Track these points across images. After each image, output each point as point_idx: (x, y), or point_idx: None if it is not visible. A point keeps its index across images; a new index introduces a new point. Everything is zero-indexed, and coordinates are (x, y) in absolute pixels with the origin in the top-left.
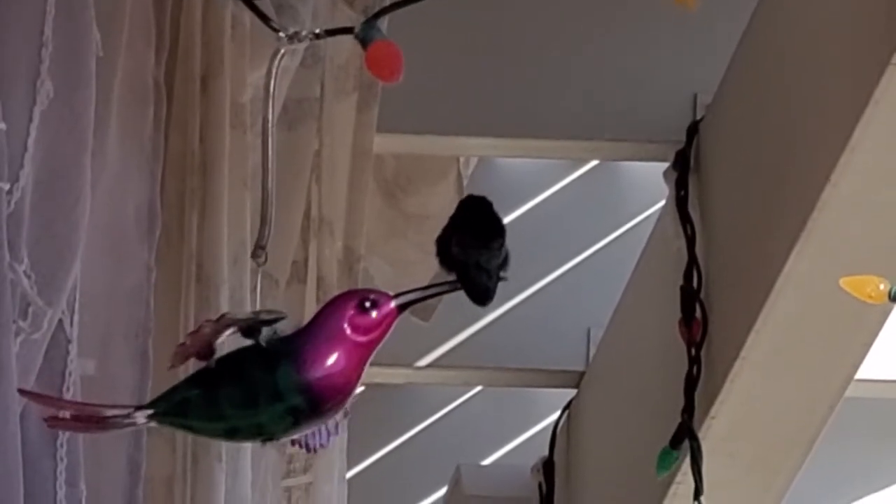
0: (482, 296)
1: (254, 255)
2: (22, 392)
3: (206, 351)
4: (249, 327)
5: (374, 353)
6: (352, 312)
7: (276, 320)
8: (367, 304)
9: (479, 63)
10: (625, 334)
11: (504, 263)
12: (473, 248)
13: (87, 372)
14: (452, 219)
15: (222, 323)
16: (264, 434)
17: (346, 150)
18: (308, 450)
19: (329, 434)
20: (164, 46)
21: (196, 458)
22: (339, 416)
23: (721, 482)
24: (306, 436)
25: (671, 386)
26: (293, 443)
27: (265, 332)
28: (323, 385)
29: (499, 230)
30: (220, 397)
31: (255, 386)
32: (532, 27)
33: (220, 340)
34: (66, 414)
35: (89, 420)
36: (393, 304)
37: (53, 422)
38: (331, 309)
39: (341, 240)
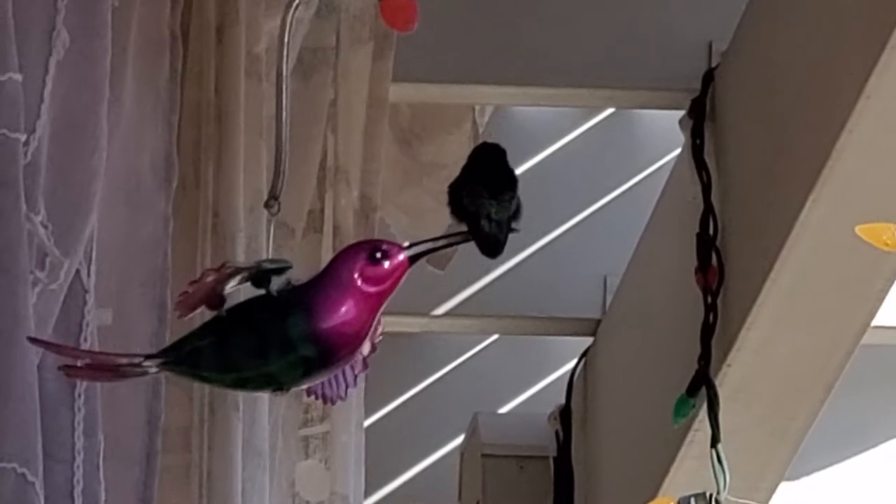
0: (492, 248)
1: (267, 206)
2: (34, 341)
3: (216, 300)
4: (259, 277)
5: (386, 303)
6: (363, 263)
7: (281, 269)
8: (378, 255)
9: (494, 11)
10: (641, 282)
11: (516, 215)
12: (484, 199)
13: (104, 322)
14: (465, 168)
15: (224, 271)
16: (274, 384)
17: (361, 100)
18: (325, 401)
19: (347, 386)
20: None
21: (213, 408)
22: (358, 368)
23: (737, 430)
24: (324, 387)
25: (687, 334)
26: (309, 394)
27: (276, 281)
28: (333, 335)
29: (510, 181)
30: (230, 347)
31: (265, 335)
32: None
33: (228, 290)
34: (82, 362)
35: (103, 368)
36: (404, 254)
37: (68, 370)
38: (342, 259)
39: (357, 189)
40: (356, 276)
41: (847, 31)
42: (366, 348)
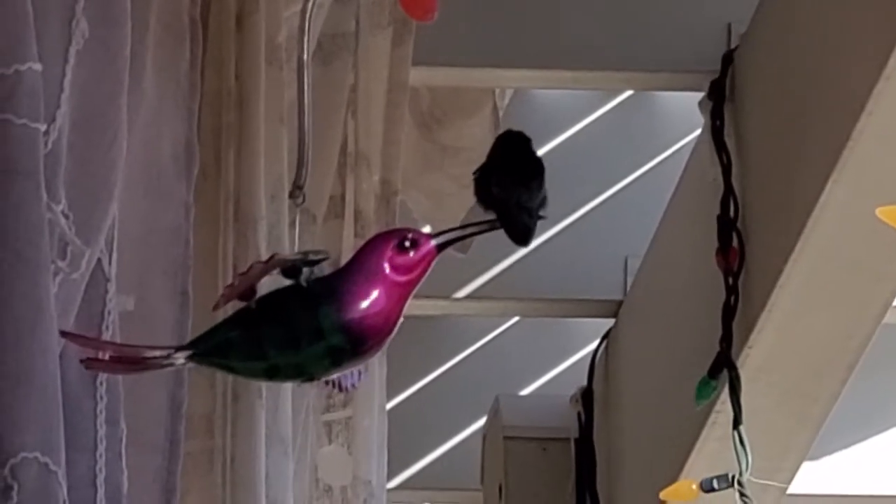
0: (523, 235)
1: (292, 195)
2: (63, 333)
3: (248, 292)
4: (290, 267)
5: (414, 292)
6: (391, 252)
7: (322, 260)
8: (407, 244)
9: None
10: (662, 264)
11: (543, 202)
12: (514, 187)
13: (126, 308)
14: (490, 156)
15: (272, 263)
16: (304, 374)
17: (381, 85)
18: (340, 389)
19: (360, 373)
20: None
21: (236, 395)
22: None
23: (759, 411)
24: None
25: (709, 315)
26: (326, 383)
27: (305, 272)
28: (364, 325)
29: (538, 169)
30: (261, 338)
31: (296, 326)
32: None
33: (260, 281)
34: (105, 355)
35: (128, 361)
36: (432, 243)
37: (91, 363)
38: (370, 248)
39: (378, 173)
40: (385, 265)
41: (866, 12)
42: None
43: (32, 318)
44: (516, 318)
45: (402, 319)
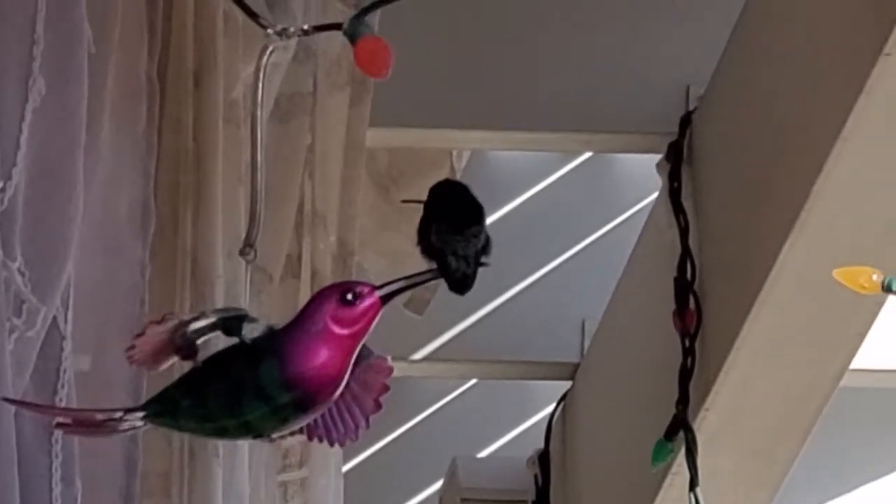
0: (460, 283)
1: (242, 253)
2: (10, 401)
3: (187, 351)
4: (230, 326)
5: (360, 345)
6: (334, 305)
7: (237, 317)
8: (350, 297)
9: (472, 56)
10: (619, 326)
11: (485, 249)
12: (450, 235)
13: (81, 368)
14: (427, 206)
15: (167, 322)
16: (253, 432)
17: (338, 145)
18: (331, 444)
19: (357, 427)
20: (157, 42)
21: (193, 452)
22: (370, 408)
23: (716, 473)
24: (329, 431)
25: (666, 377)
26: (311, 437)
27: (250, 329)
28: (307, 380)
29: (476, 216)
30: (206, 398)
31: (239, 384)
32: (524, 20)
33: (202, 340)
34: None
35: (84, 424)
36: (375, 295)
37: (61, 426)
38: (314, 303)
39: (335, 234)
40: (328, 319)
41: (824, 75)
42: (373, 390)
43: None
44: (474, 381)
45: (347, 374)
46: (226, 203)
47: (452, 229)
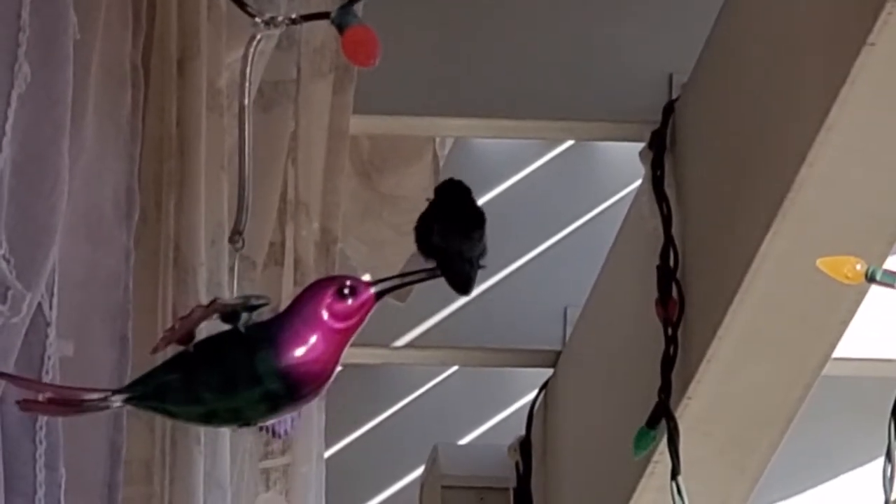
0: (464, 285)
1: (231, 241)
2: (1, 374)
3: (186, 336)
4: (230, 313)
5: (352, 339)
6: (330, 299)
7: (262, 305)
8: (346, 291)
9: (455, 44)
10: (601, 314)
11: (482, 252)
12: (455, 237)
13: (65, 354)
14: (431, 206)
15: (213, 308)
16: (241, 419)
17: (322, 132)
18: (275, 435)
19: (292, 420)
20: (141, 29)
21: (175, 440)
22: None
23: (698, 461)
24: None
25: (648, 366)
26: (260, 428)
27: (244, 317)
28: (301, 371)
29: (479, 219)
30: (198, 382)
31: (233, 371)
32: (507, 8)
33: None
34: (43, 397)
35: (66, 403)
36: (371, 290)
37: (27, 405)
38: (309, 295)
39: (318, 221)
40: (324, 311)
41: (808, 63)
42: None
43: None
44: (455, 368)
45: (339, 367)
46: (209, 191)
47: (458, 231)
